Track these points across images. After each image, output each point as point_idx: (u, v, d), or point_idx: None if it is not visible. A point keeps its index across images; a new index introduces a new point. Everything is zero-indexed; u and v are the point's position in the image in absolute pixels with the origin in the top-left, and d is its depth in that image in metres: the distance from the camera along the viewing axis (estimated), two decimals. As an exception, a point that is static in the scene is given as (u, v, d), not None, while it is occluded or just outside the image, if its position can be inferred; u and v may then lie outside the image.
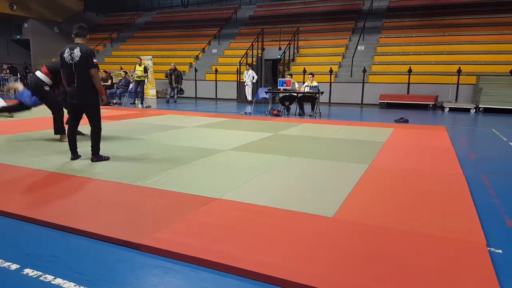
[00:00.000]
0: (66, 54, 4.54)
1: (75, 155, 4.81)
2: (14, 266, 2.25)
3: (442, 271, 2.19)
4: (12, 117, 8.06)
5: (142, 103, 13.22)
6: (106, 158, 4.79)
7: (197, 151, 5.44)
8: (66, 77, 4.61)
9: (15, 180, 3.92)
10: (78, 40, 4.65)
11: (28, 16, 22.07)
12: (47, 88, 5.97)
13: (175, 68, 14.89)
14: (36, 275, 2.16)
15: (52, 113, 6.12)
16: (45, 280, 2.12)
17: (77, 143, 4.87)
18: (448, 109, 12.95)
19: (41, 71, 6.05)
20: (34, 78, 6.12)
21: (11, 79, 19.35)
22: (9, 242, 2.59)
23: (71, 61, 4.50)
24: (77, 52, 4.49)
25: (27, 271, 2.21)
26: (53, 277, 2.14)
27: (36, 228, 2.81)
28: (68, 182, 3.86)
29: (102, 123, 4.84)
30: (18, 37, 22.93)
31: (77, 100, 4.61)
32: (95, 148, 4.75)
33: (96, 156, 4.74)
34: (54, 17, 22.97)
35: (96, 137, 4.75)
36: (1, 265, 2.26)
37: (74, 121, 4.84)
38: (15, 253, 2.42)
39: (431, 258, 2.35)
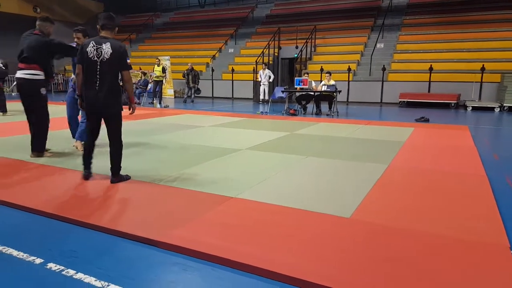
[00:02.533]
0: (90, 48, 3.65)
1: (88, 172, 3.96)
2: (38, 261, 2.32)
3: (463, 274, 2.14)
4: None
5: (160, 103, 13.39)
6: (127, 178, 3.94)
7: (213, 150, 5.47)
8: (86, 76, 3.72)
9: (37, 178, 4.04)
10: (105, 33, 3.75)
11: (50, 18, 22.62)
12: (43, 91, 4.79)
13: (192, 68, 15.02)
14: (58, 270, 2.22)
15: (40, 126, 4.84)
16: (67, 274, 2.17)
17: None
18: (471, 108, 12.63)
19: (24, 68, 4.66)
20: (22, 81, 4.67)
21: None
22: (34, 238, 2.67)
23: (96, 58, 3.64)
24: (107, 48, 3.64)
25: (50, 265, 2.27)
26: (75, 271, 2.20)
27: (59, 225, 2.89)
28: (89, 181, 3.94)
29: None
30: (41, 38, 23.52)
31: (100, 108, 3.75)
32: (116, 167, 3.87)
33: (117, 177, 3.86)
34: (75, 18, 23.49)
35: (118, 154, 3.88)
36: (26, 259, 2.34)
37: (94, 133, 3.94)
38: (39, 248, 2.49)
39: (452, 260, 2.30)
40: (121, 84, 3.93)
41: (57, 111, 8.38)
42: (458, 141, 6.40)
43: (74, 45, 5.11)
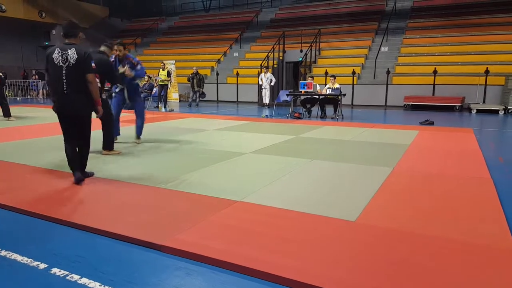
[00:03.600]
0: (56, 55, 3.83)
1: (78, 174, 4.00)
2: (42, 266, 2.33)
3: (469, 277, 2.12)
4: None
5: (165, 107, 13.44)
6: (91, 174, 4.20)
7: (218, 154, 5.48)
8: (54, 82, 3.89)
9: (40, 182, 4.05)
10: (70, 40, 3.94)
11: (56, 23, 22.86)
12: (103, 96, 5.28)
13: (197, 72, 15.07)
14: (63, 275, 2.22)
15: (105, 125, 5.37)
16: (72, 279, 2.17)
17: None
18: (475, 110, 12.57)
19: None
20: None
21: (40, 84, 20.06)
22: (38, 243, 2.67)
23: (62, 64, 3.82)
24: (72, 53, 3.82)
25: (55, 270, 2.27)
26: (79, 276, 2.20)
27: (63, 229, 2.89)
28: (92, 184, 3.95)
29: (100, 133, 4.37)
30: (47, 43, 23.77)
31: (69, 110, 3.92)
32: (84, 166, 4.13)
33: (84, 173, 4.09)
34: (81, 23, 23.32)
35: (85, 154, 4.12)
36: (30, 264, 2.34)
37: (71, 138, 4.06)
38: (43, 253, 2.50)
39: (458, 264, 2.28)
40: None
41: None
42: (463, 144, 6.37)
43: (113, 58, 5.95)
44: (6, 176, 4.28)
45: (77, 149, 4.06)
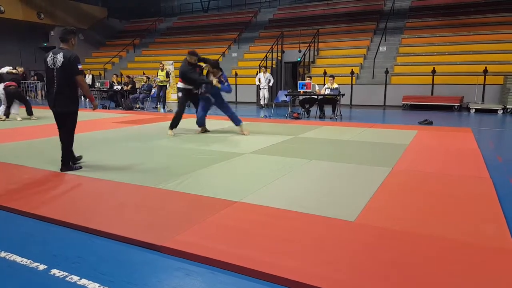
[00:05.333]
0: (49, 59, 4.36)
1: (75, 162, 4.68)
2: (42, 267, 2.33)
3: (468, 277, 2.13)
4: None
5: (164, 107, 13.43)
6: (79, 168, 4.59)
7: (217, 154, 5.48)
8: (47, 83, 4.44)
9: (39, 183, 4.05)
10: (63, 45, 4.42)
11: (54, 24, 22.85)
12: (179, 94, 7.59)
13: (196, 72, 15.03)
14: (62, 276, 2.22)
15: (176, 115, 7.46)
16: (71, 280, 2.17)
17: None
18: (474, 110, 12.58)
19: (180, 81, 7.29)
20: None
21: (38, 86, 20.05)
22: (37, 244, 2.67)
23: (53, 66, 4.31)
24: (60, 57, 4.29)
25: (54, 271, 2.27)
26: (79, 277, 2.20)
27: (62, 230, 2.89)
28: (90, 185, 3.96)
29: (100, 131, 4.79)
30: (45, 44, 23.75)
31: (56, 108, 4.42)
32: (66, 158, 4.51)
33: (66, 166, 4.50)
34: (79, 24, 23.66)
35: (67, 149, 4.51)
36: (30, 265, 2.34)
37: (59, 130, 4.58)
38: (43, 254, 2.50)
39: (455, 264, 2.29)
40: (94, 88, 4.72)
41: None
42: (461, 144, 6.38)
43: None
44: (4, 177, 4.27)
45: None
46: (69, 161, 4.58)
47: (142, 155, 5.47)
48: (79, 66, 4.36)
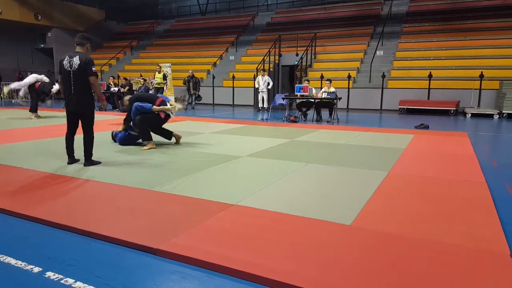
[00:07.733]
0: (65, 62, 4.68)
1: (72, 159, 4.98)
2: (36, 269, 2.31)
3: (464, 281, 2.13)
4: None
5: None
6: (98, 163, 4.96)
7: (214, 157, 5.48)
8: (64, 84, 4.74)
9: (35, 185, 4.03)
10: (78, 49, 4.80)
11: (51, 25, 22.81)
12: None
13: (193, 75, 15.08)
14: (57, 278, 2.21)
15: None
16: (66, 283, 2.16)
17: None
18: (470, 115, 12.66)
19: None
20: None
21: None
22: (32, 246, 2.66)
23: (70, 69, 4.65)
24: (76, 60, 4.64)
25: (49, 274, 2.26)
26: (74, 280, 2.19)
27: (58, 232, 2.88)
28: (87, 188, 3.94)
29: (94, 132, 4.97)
30: (42, 45, 23.70)
31: (73, 107, 4.76)
32: (88, 154, 4.90)
33: (89, 161, 4.89)
34: (77, 26, 23.64)
35: (89, 144, 4.88)
36: (24, 268, 2.33)
37: (72, 128, 4.94)
38: (37, 256, 2.48)
39: (451, 268, 2.29)
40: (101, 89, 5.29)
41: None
42: (457, 148, 6.41)
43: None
44: (0, 179, 4.24)
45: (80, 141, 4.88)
46: (91, 156, 4.92)
47: (138, 157, 5.46)
48: (93, 68, 4.72)
